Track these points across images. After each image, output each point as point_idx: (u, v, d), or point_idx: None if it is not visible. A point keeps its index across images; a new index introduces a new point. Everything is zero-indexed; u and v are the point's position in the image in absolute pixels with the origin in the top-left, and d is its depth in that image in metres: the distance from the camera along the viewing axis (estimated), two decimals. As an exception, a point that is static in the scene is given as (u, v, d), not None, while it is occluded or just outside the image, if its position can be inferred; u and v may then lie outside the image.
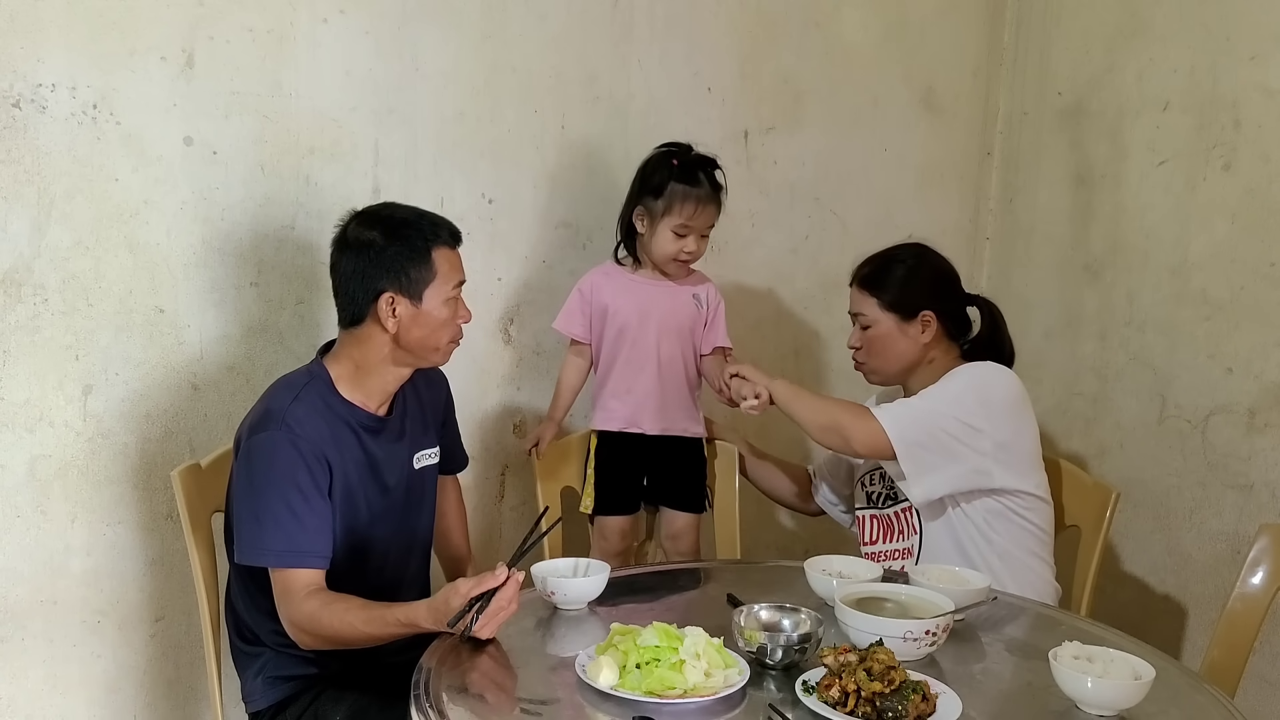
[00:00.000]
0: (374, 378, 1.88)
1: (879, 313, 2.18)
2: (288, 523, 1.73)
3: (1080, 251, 2.86)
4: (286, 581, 1.74)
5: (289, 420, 1.77)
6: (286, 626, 1.75)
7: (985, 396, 2.07)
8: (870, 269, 2.22)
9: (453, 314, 1.87)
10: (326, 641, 1.74)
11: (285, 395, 1.81)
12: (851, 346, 2.25)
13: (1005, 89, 3.10)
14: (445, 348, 1.90)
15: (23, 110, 1.92)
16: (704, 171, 2.27)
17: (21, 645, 2.04)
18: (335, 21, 2.21)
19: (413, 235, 1.83)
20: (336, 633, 1.70)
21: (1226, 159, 2.49)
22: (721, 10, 2.71)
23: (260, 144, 2.15)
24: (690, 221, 2.25)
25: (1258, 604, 1.95)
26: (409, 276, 1.81)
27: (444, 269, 1.84)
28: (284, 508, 1.74)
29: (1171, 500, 2.60)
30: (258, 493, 1.76)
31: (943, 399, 2.06)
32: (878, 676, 1.40)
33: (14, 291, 1.95)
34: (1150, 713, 1.48)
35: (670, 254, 2.29)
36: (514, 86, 2.45)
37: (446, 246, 1.85)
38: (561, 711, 1.47)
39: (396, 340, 1.85)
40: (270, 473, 1.75)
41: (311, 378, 1.86)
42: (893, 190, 3.03)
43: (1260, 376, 2.42)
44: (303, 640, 1.75)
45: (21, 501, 2.01)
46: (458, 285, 1.87)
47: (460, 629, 1.57)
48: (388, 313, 1.82)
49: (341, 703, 1.81)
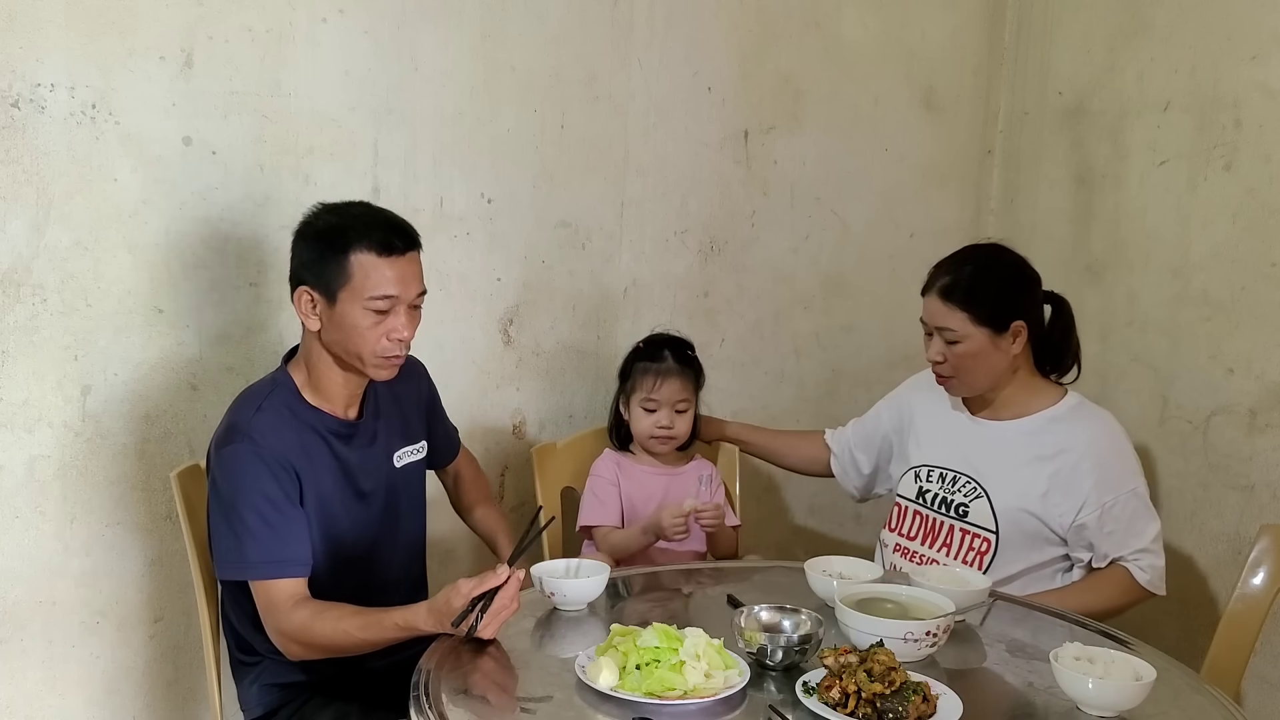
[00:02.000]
0: (327, 381, 1.83)
1: (971, 328, 2.03)
2: (263, 534, 1.71)
3: (1081, 252, 2.86)
4: (270, 594, 1.71)
5: (252, 432, 1.74)
6: (276, 639, 1.73)
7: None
8: (954, 278, 2.05)
9: (374, 325, 1.74)
10: (320, 651, 1.72)
11: (248, 407, 1.78)
12: (934, 360, 2.10)
13: (1006, 89, 3.10)
14: (373, 360, 1.77)
15: (21, 110, 1.92)
16: (669, 348, 2.33)
17: (20, 646, 2.04)
18: (334, 21, 2.20)
19: (335, 235, 1.75)
20: (330, 641, 1.68)
21: (1227, 159, 2.48)
22: (721, 10, 2.71)
23: (259, 144, 2.15)
24: (654, 395, 2.29)
25: (1258, 605, 1.95)
26: (323, 273, 1.75)
27: (362, 275, 1.73)
28: (257, 519, 1.71)
29: (1172, 501, 2.60)
30: (228, 507, 1.73)
31: (1146, 501, 2.06)
32: (878, 677, 1.40)
33: (13, 292, 1.95)
34: (1151, 714, 1.48)
35: (645, 431, 2.32)
36: (513, 86, 2.45)
37: (373, 253, 1.73)
38: (561, 712, 1.46)
39: (322, 339, 1.79)
40: (238, 485, 1.72)
41: (275, 386, 1.82)
42: (893, 190, 3.02)
43: (1261, 377, 2.41)
44: (293, 652, 1.72)
45: (20, 502, 2.00)
46: (385, 298, 1.73)
47: (464, 629, 1.56)
48: (308, 309, 1.78)
49: (326, 709, 1.81)
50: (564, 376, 2.64)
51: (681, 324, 2.74)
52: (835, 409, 2.83)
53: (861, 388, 2.41)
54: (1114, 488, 2.02)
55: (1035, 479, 2.05)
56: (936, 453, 2.20)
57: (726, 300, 2.84)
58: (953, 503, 2.12)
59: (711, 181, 2.77)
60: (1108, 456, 2.05)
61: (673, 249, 2.74)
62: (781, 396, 2.95)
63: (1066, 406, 2.10)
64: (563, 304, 2.61)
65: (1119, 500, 2.02)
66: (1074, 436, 2.06)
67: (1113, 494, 2.02)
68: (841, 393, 2.97)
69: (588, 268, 2.63)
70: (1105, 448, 2.06)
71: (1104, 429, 2.08)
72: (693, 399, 2.34)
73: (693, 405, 2.34)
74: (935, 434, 2.22)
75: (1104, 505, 2.01)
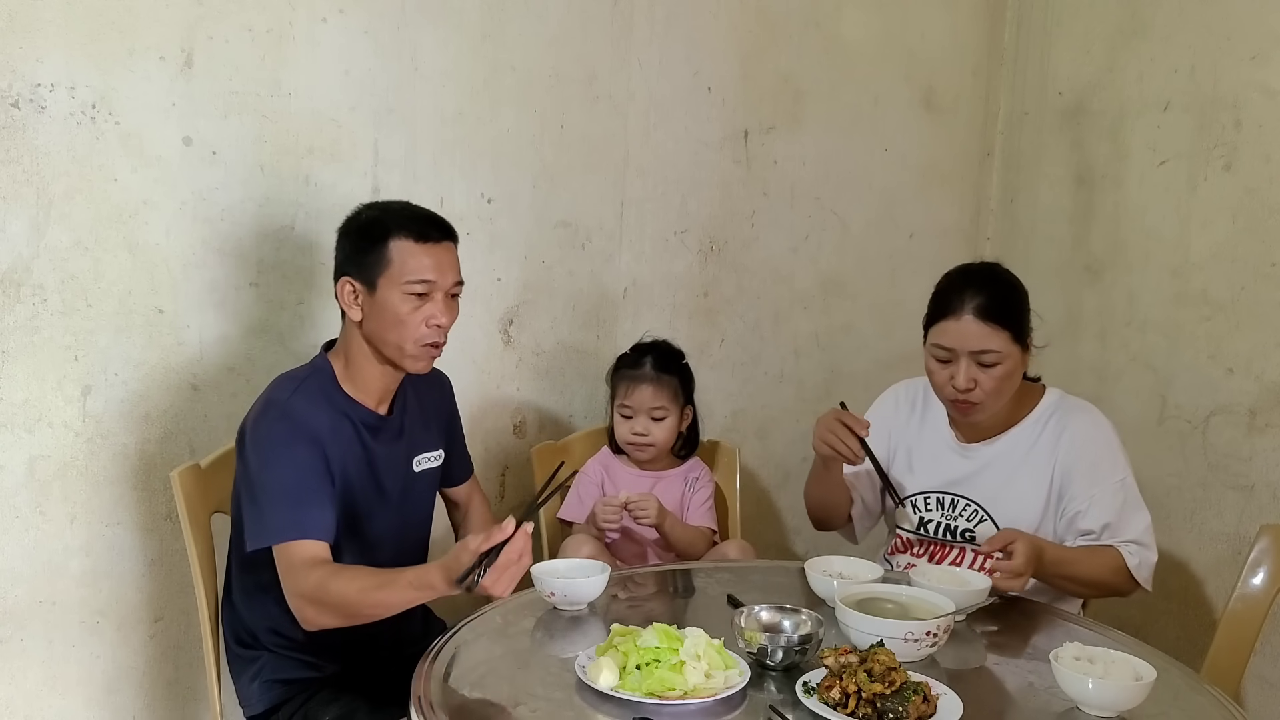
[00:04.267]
0: (363, 373, 1.87)
1: (1011, 346, 1.96)
2: (287, 499, 1.72)
3: (1080, 252, 2.86)
4: (289, 555, 1.70)
5: (289, 410, 1.77)
6: (293, 602, 1.70)
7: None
8: (990, 298, 1.97)
9: (413, 311, 1.80)
10: (336, 613, 1.68)
11: (286, 387, 1.82)
12: (963, 390, 1.97)
13: (1006, 89, 3.10)
14: (413, 351, 1.82)
15: (21, 110, 1.92)
16: (650, 355, 2.33)
17: (20, 646, 2.04)
18: (334, 21, 2.20)
19: (375, 225, 1.83)
20: (345, 600, 1.66)
21: (1227, 159, 2.49)
22: (721, 10, 2.71)
23: (260, 144, 2.15)
24: (629, 401, 2.31)
25: (1258, 605, 1.95)
26: (364, 263, 1.81)
27: (401, 259, 1.79)
28: (281, 487, 1.73)
29: (1172, 501, 2.60)
30: (255, 478, 1.75)
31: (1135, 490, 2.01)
32: (878, 678, 1.40)
33: (13, 292, 1.95)
34: (1151, 714, 1.48)
35: (623, 437, 2.34)
36: (513, 86, 2.45)
37: (410, 239, 1.80)
38: (561, 712, 1.46)
39: (362, 330, 1.84)
40: (269, 456, 1.75)
41: (314, 371, 1.87)
42: (893, 190, 3.03)
43: (1261, 377, 2.42)
44: (308, 616, 1.70)
45: (20, 502, 2.00)
46: (422, 282, 1.80)
47: (469, 584, 1.53)
48: (350, 299, 1.83)
49: (333, 704, 1.80)
50: (564, 376, 2.64)
51: (681, 324, 2.75)
52: (835, 409, 2.83)
53: (860, 388, 2.41)
54: (1100, 480, 2.00)
55: (1032, 489, 2.04)
56: (930, 478, 2.14)
57: (726, 300, 2.84)
58: (957, 529, 2.09)
59: (711, 181, 2.77)
60: (1092, 449, 2.03)
61: (673, 249, 2.74)
62: (781, 396, 2.95)
63: (1047, 406, 2.08)
64: (563, 304, 2.61)
65: (1107, 491, 1.99)
66: (1059, 435, 2.04)
67: (1100, 486, 1.99)
68: (840, 393, 2.95)
69: (587, 268, 2.63)
70: (1089, 441, 2.03)
71: (1087, 422, 2.06)
72: (672, 407, 2.32)
73: (673, 413, 2.32)
74: (925, 458, 2.17)
75: (1092, 498, 1.99)
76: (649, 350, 2.36)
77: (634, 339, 2.44)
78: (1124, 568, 1.95)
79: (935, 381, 2.04)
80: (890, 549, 2.21)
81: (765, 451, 2.95)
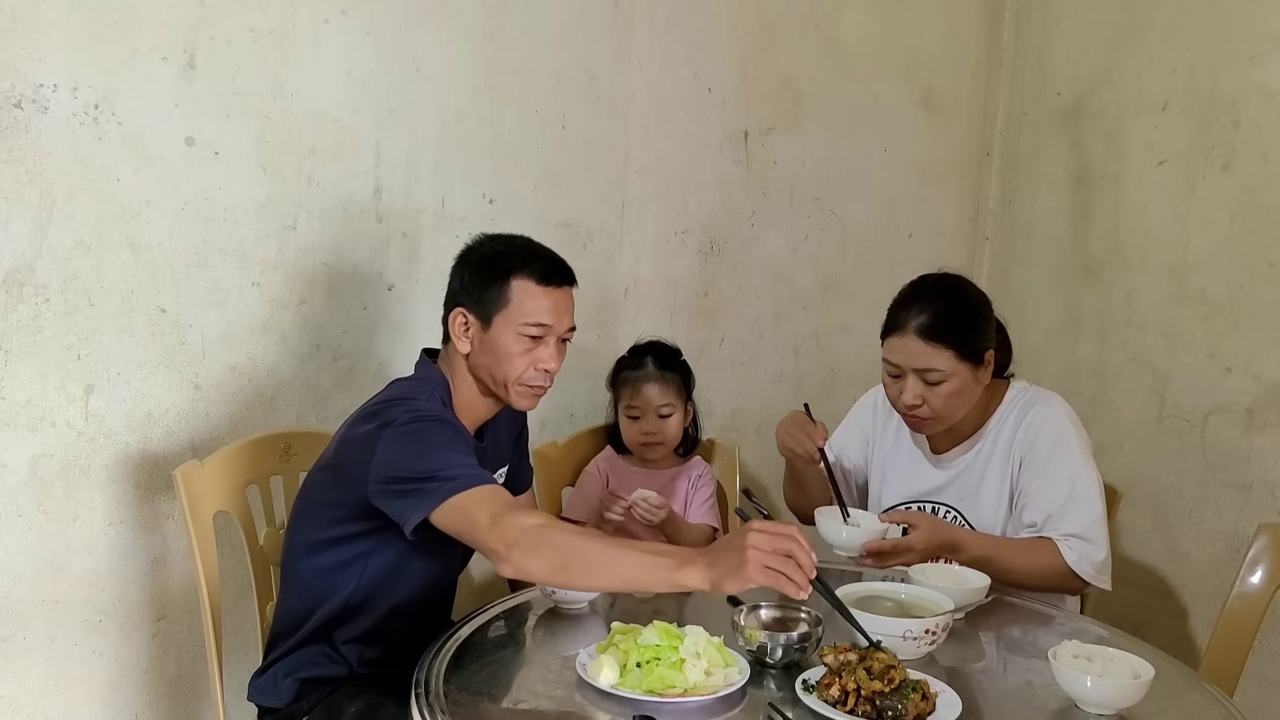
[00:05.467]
0: (465, 403, 1.85)
1: (956, 365, 1.93)
2: (457, 462, 1.63)
3: (1079, 251, 2.87)
4: (477, 501, 1.57)
5: (434, 411, 1.74)
6: (498, 546, 1.52)
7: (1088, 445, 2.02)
8: (933, 316, 1.94)
9: (525, 353, 1.79)
10: (551, 558, 1.50)
11: (416, 390, 1.80)
12: (910, 404, 1.97)
13: (1005, 89, 3.11)
14: (517, 388, 1.81)
15: (24, 110, 1.93)
16: (651, 354, 2.35)
17: (23, 644, 2.04)
18: (336, 22, 2.21)
19: (499, 260, 1.82)
20: (571, 544, 1.51)
21: (1225, 159, 2.49)
22: (721, 10, 2.72)
23: (262, 144, 2.16)
24: (634, 401, 2.33)
25: (1257, 603, 1.95)
26: (482, 297, 1.80)
27: (520, 299, 1.79)
28: (448, 459, 1.63)
29: (1170, 500, 2.61)
30: (411, 462, 1.64)
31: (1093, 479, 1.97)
32: (878, 675, 1.40)
33: (16, 291, 1.96)
34: (1149, 712, 1.48)
35: (633, 438, 2.36)
36: (514, 87, 2.45)
37: (533, 281, 1.79)
38: (562, 710, 1.47)
39: (469, 361, 1.83)
40: (434, 433, 1.68)
41: (435, 385, 1.83)
42: (893, 190, 3.03)
43: (1259, 376, 2.42)
44: (513, 558, 1.51)
45: (23, 501, 2.01)
46: (539, 325, 1.79)
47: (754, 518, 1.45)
48: (460, 330, 1.82)
49: (359, 698, 1.78)
50: (564, 376, 2.61)
51: (681, 323, 2.76)
52: (834, 408, 2.82)
53: (860, 387, 2.41)
54: (1047, 470, 1.98)
55: (997, 489, 2.04)
56: (907, 488, 2.15)
57: (726, 300, 2.85)
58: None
59: (711, 182, 2.77)
60: (1042, 440, 2.00)
61: (673, 249, 2.75)
62: (780, 396, 2.95)
63: (1010, 402, 2.06)
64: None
65: (1053, 482, 1.97)
66: (1017, 430, 2.03)
67: (1046, 476, 1.98)
68: (840, 392, 2.97)
69: (588, 268, 2.62)
70: (1039, 432, 2.01)
71: (1041, 412, 2.02)
72: (678, 403, 2.34)
73: (679, 409, 2.35)
74: (900, 471, 2.17)
75: (1039, 489, 1.97)
76: (648, 350, 2.38)
77: (635, 339, 2.45)
78: (1062, 563, 1.92)
79: (889, 395, 2.04)
80: None
81: (765, 450, 2.95)
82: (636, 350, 2.40)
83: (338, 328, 2.28)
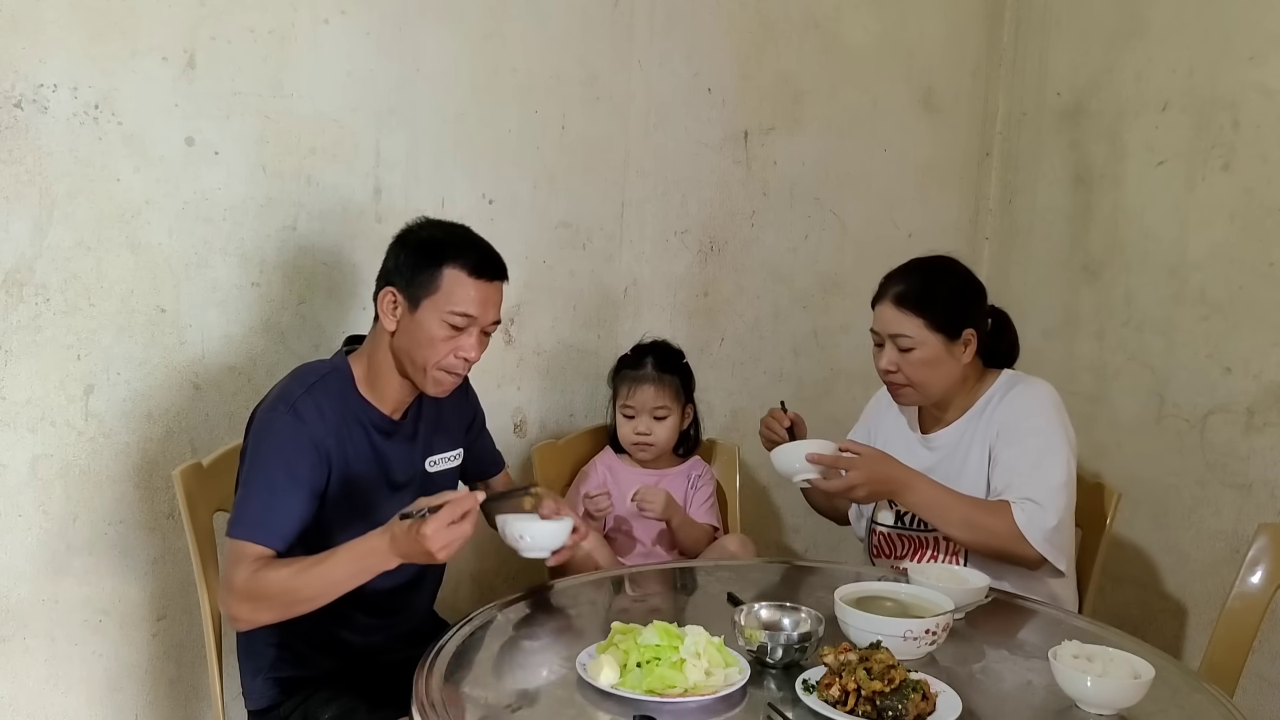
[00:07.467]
0: (384, 382, 1.87)
1: (926, 334, 2.02)
2: (260, 498, 1.72)
3: (1079, 251, 2.87)
4: (236, 551, 1.68)
5: (298, 406, 1.77)
6: (227, 601, 1.68)
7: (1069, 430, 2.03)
8: (908, 286, 2.06)
9: (446, 340, 1.81)
10: (272, 604, 1.66)
11: (300, 384, 1.82)
12: (887, 370, 2.08)
13: (1004, 89, 3.11)
14: (433, 374, 1.83)
15: (25, 110, 1.93)
16: (651, 355, 2.35)
17: (23, 644, 2.05)
18: (336, 22, 2.21)
19: (434, 246, 1.83)
20: (280, 586, 1.64)
21: (1225, 159, 2.49)
22: (721, 10, 2.72)
23: (262, 144, 2.16)
24: (631, 401, 2.33)
25: (1256, 603, 1.95)
26: (413, 280, 1.81)
27: (450, 288, 1.80)
28: (266, 485, 1.72)
29: (1170, 500, 2.61)
30: (248, 468, 1.76)
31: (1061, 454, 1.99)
32: (878, 675, 1.40)
33: (16, 291, 1.96)
34: (1150, 712, 1.48)
35: (626, 437, 2.36)
36: (514, 87, 2.45)
37: (465, 271, 1.80)
38: (562, 710, 1.47)
39: (392, 342, 1.84)
40: (266, 448, 1.75)
41: (333, 370, 1.86)
42: (892, 190, 3.03)
43: (1259, 376, 2.42)
44: (241, 614, 1.67)
45: (23, 501, 2.01)
46: (464, 315, 1.80)
47: (412, 520, 1.55)
48: (388, 309, 1.83)
49: (332, 703, 1.81)
50: (564, 376, 2.65)
51: (681, 323, 2.76)
52: (833, 408, 2.84)
53: (859, 387, 2.42)
54: (1017, 441, 2.01)
55: (977, 469, 2.07)
56: None
57: (726, 300, 2.85)
58: None
59: (711, 182, 2.77)
60: (1017, 415, 2.04)
61: (673, 249, 2.75)
62: (780, 396, 2.93)
63: (997, 387, 2.10)
64: (563, 304, 2.61)
65: (1019, 450, 2.00)
66: (998, 410, 2.06)
67: (1015, 447, 2.00)
68: (839, 392, 2.98)
69: (588, 267, 2.64)
70: (1016, 409, 2.04)
71: (1022, 393, 2.06)
72: (674, 406, 2.34)
73: (675, 412, 2.35)
74: (896, 450, 2.15)
75: (1007, 459, 2.00)
76: (649, 350, 2.37)
77: (634, 338, 2.45)
78: (1012, 524, 1.93)
79: (875, 364, 2.13)
80: (874, 550, 2.22)
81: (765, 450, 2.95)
82: (639, 349, 2.39)
83: (338, 328, 2.28)
